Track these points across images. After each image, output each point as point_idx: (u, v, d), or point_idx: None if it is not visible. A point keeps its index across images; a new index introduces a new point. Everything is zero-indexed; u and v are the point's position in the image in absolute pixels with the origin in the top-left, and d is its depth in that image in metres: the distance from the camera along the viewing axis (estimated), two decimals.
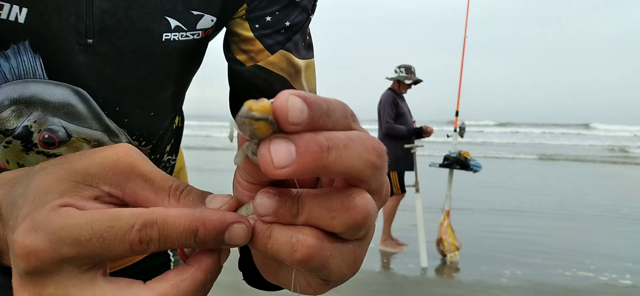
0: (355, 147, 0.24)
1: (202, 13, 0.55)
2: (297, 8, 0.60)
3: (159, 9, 0.53)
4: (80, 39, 0.50)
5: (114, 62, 0.53)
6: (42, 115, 0.52)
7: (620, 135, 23.95)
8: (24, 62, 0.49)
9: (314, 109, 0.23)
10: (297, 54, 0.61)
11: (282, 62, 0.60)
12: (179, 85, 0.62)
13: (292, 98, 0.22)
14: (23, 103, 0.51)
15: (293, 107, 0.22)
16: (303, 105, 0.22)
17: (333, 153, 0.23)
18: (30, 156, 0.55)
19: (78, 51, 0.50)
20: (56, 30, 0.48)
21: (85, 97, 0.53)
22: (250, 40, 0.60)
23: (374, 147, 0.25)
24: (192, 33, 0.56)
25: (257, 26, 0.59)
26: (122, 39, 0.52)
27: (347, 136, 0.24)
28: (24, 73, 0.50)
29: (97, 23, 0.50)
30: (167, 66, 0.56)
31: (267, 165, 0.22)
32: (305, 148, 0.22)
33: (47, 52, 0.49)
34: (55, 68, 0.50)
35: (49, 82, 0.51)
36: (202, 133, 20.21)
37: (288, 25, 0.60)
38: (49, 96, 0.52)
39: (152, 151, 0.67)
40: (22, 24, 0.47)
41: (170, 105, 0.64)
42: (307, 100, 0.22)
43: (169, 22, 0.53)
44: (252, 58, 0.60)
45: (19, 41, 0.48)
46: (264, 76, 0.60)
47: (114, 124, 0.57)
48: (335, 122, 0.24)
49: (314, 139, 0.22)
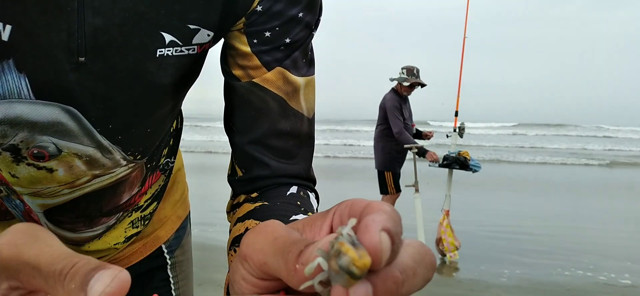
0: (421, 271, 0.23)
1: (199, 27, 0.52)
2: (299, 24, 0.56)
3: (154, 23, 0.50)
4: (72, 57, 0.47)
5: (106, 80, 0.50)
6: (29, 135, 0.51)
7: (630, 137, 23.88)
8: (8, 81, 0.47)
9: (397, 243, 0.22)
10: (296, 71, 0.58)
11: (278, 80, 0.57)
12: (175, 100, 0.60)
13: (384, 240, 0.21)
14: (8, 124, 0.49)
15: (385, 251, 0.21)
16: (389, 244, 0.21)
17: (405, 285, 0.22)
18: (21, 166, 0.54)
19: (69, 69, 0.48)
20: (46, 48, 0.46)
21: (76, 115, 0.51)
22: (247, 56, 0.56)
23: (432, 263, 0.24)
24: (188, 48, 0.53)
25: (255, 41, 0.56)
26: (116, 56, 0.49)
27: (415, 261, 0.23)
28: (9, 93, 0.48)
29: (89, 41, 0.47)
30: (162, 82, 0.54)
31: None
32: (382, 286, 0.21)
33: (35, 71, 0.47)
34: (45, 87, 0.48)
35: (36, 102, 0.49)
36: (203, 138, 20.19)
37: (288, 42, 0.56)
38: (35, 116, 0.50)
39: (149, 160, 0.65)
40: (5, 42, 0.45)
41: (167, 120, 0.63)
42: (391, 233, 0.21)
43: (164, 38, 0.51)
44: (248, 74, 0.57)
45: (2, 60, 0.46)
46: (258, 93, 0.56)
47: (107, 141, 0.55)
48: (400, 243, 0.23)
49: (391, 276, 0.22)
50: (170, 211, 0.80)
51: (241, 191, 0.60)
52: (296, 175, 0.58)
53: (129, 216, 0.69)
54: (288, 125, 0.57)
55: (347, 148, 16.34)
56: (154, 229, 0.78)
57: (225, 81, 0.61)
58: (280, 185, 0.57)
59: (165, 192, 0.76)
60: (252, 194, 0.58)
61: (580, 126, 29.80)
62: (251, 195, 0.58)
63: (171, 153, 0.72)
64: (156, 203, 0.72)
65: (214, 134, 20.70)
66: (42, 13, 0.45)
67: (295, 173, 0.58)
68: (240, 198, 0.59)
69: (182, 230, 0.84)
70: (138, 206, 0.69)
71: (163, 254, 0.80)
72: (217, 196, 1.20)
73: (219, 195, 0.87)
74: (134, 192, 0.65)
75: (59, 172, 0.55)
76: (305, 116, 0.59)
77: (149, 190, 0.69)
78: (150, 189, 0.69)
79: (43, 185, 0.57)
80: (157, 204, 0.73)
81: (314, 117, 0.61)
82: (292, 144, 0.58)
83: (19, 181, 0.56)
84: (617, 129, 28.66)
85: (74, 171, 0.56)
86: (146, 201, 0.70)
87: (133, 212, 0.69)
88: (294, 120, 0.58)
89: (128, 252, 0.75)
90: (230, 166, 0.62)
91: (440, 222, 4.20)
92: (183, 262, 0.84)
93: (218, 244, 4.33)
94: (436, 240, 4.25)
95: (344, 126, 26.81)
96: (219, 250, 4.15)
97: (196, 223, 5.05)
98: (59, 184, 0.57)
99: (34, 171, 0.55)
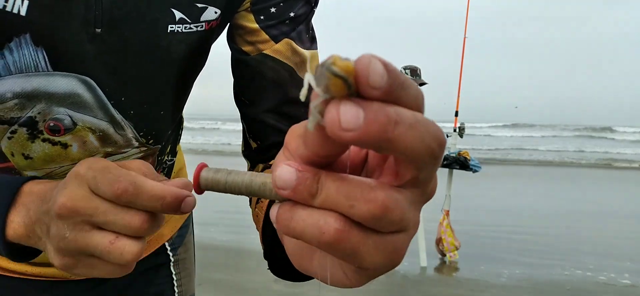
0: (421, 129, 0.23)
1: (206, 5, 0.56)
2: (301, 0, 0.62)
3: (166, 1, 0.53)
4: (89, 28, 0.50)
5: (120, 52, 0.53)
6: (46, 107, 0.53)
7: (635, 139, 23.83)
8: (25, 55, 0.49)
9: (393, 78, 0.22)
10: (302, 44, 0.62)
11: (287, 51, 0.61)
12: (184, 80, 0.63)
13: (375, 61, 0.21)
14: (25, 97, 0.52)
15: (374, 70, 0.21)
16: (384, 71, 0.21)
17: (399, 128, 0.22)
18: (35, 144, 0.56)
19: (86, 40, 0.50)
20: (64, 20, 0.49)
21: (92, 86, 0.54)
22: (255, 32, 0.61)
23: (437, 135, 0.24)
24: (196, 25, 0.56)
25: (261, 18, 0.60)
26: (129, 30, 0.52)
27: (415, 116, 0.23)
28: (25, 67, 0.50)
29: (106, 14, 0.50)
30: (172, 57, 0.57)
31: (333, 124, 0.21)
32: (374, 115, 0.21)
33: (54, 43, 0.50)
34: (63, 58, 0.51)
35: (54, 74, 0.51)
36: (203, 139, 20.18)
37: (292, 16, 0.61)
38: (53, 88, 0.52)
39: (161, 151, 0.66)
40: (23, 16, 0.47)
41: (175, 106, 0.65)
42: (388, 67, 0.22)
43: (174, 14, 0.54)
44: (258, 48, 0.61)
45: (20, 34, 0.48)
46: (270, 63, 0.61)
47: (120, 116, 0.58)
48: (407, 99, 0.23)
49: (384, 110, 0.21)
50: None
51: (258, 161, 0.63)
52: None
53: None
54: (298, 93, 0.60)
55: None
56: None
57: (233, 57, 0.64)
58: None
59: None
60: (271, 162, 0.60)
61: (580, 126, 29.80)
62: (269, 162, 0.61)
63: (171, 151, 0.74)
64: None
65: (214, 135, 20.69)
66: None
67: None
68: (258, 167, 0.63)
69: (184, 228, 0.85)
70: None
71: (166, 251, 0.81)
72: (217, 196, 1.21)
73: (219, 195, 0.89)
74: None
75: (73, 148, 0.57)
76: None
77: None
78: None
79: (57, 164, 0.58)
80: None
81: None
82: (304, 111, 0.62)
83: (33, 163, 0.57)
84: (617, 129, 28.66)
85: (88, 148, 0.58)
86: None
87: None
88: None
89: None
90: (243, 143, 0.66)
91: (440, 222, 4.21)
92: (185, 260, 0.85)
93: (218, 244, 4.33)
94: (436, 240, 4.26)
95: None
96: (219, 250, 4.16)
97: (196, 223, 5.03)
98: (72, 162, 0.58)
99: (49, 148, 0.56)
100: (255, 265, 3.72)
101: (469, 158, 4.33)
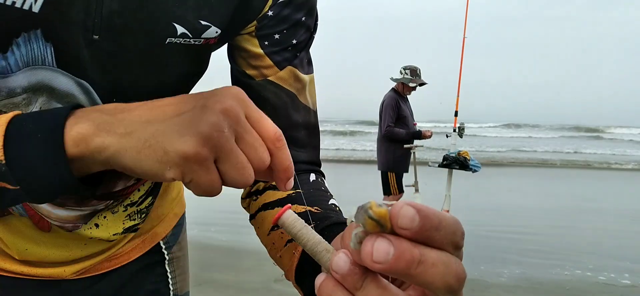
0: (441, 268, 0.28)
1: (209, 24, 0.56)
2: (303, 27, 0.64)
3: (169, 15, 0.53)
4: (87, 34, 0.51)
5: (115, 59, 0.54)
6: (47, 100, 0.53)
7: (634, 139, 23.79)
8: (33, 49, 0.50)
9: (425, 221, 0.27)
10: (302, 70, 0.65)
11: (290, 78, 0.64)
12: (181, 90, 0.62)
13: (406, 208, 0.27)
14: (31, 91, 0.52)
15: (404, 216, 0.27)
16: (415, 215, 0.27)
17: (421, 267, 0.27)
18: None
19: (84, 44, 0.51)
20: (67, 23, 0.50)
21: (88, 90, 0.54)
22: (259, 57, 0.62)
23: (457, 273, 0.29)
24: (195, 40, 0.57)
25: (266, 43, 0.62)
26: (127, 38, 0.53)
27: (439, 256, 0.28)
28: (33, 60, 0.51)
29: (104, 22, 0.51)
30: (169, 68, 0.57)
31: (365, 256, 0.27)
32: (400, 254, 0.27)
33: (58, 42, 0.50)
34: (64, 58, 0.52)
35: (57, 71, 0.52)
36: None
37: (294, 43, 0.63)
38: (56, 83, 0.53)
39: None
40: (36, 13, 0.48)
41: None
42: (421, 213, 0.27)
43: (176, 29, 0.54)
44: (262, 73, 0.63)
45: (30, 30, 0.49)
46: (273, 89, 0.63)
47: None
48: (443, 237, 0.28)
49: (410, 250, 0.27)
50: (168, 209, 0.82)
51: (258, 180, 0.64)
52: (311, 161, 0.66)
53: (125, 210, 0.70)
54: (299, 117, 0.65)
55: (346, 150, 16.34)
56: (152, 226, 0.79)
57: (234, 76, 0.66)
58: (299, 172, 0.64)
59: (160, 190, 0.77)
60: (272, 182, 0.60)
61: (580, 126, 29.78)
62: (272, 182, 0.60)
63: None
64: (151, 198, 0.74)
65: None
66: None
67: (309, 159, 0.66)
68: (259, 186, 0.65)
69: (178, 227, 0.86)
70: (132, 202, 0.70)
71: (161, 250, 0.81)
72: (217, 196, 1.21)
73: (219, 195, 0.89)
74: (130, 184, 0.67)
75: None
76: (312, 109, 0.67)
77: (142, 187, 0.71)
78: (143, 187, 0.71)
79: None
80: (153, 199, 0.74)
81: (317, 110, 0.69)
82: (304, 134, 0.66)
83: None
84: (616, 129, 28.64)
85: None
86: (140, 197, 0.71)
87: (128, 207, 0.70)
88: (304, 113, 0.66)
89: (128, 248, 0.76)
90: None
91: None
92: (180, 258, 0.85)
93: (218, 244, 4.33)
94: None
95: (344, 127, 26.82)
96: (219, 250, 4.16)
97: (196, 223, 5.06)
98: None
99: None
100: (255, 265, 3.72)
101: (469, 158, 4.33)
